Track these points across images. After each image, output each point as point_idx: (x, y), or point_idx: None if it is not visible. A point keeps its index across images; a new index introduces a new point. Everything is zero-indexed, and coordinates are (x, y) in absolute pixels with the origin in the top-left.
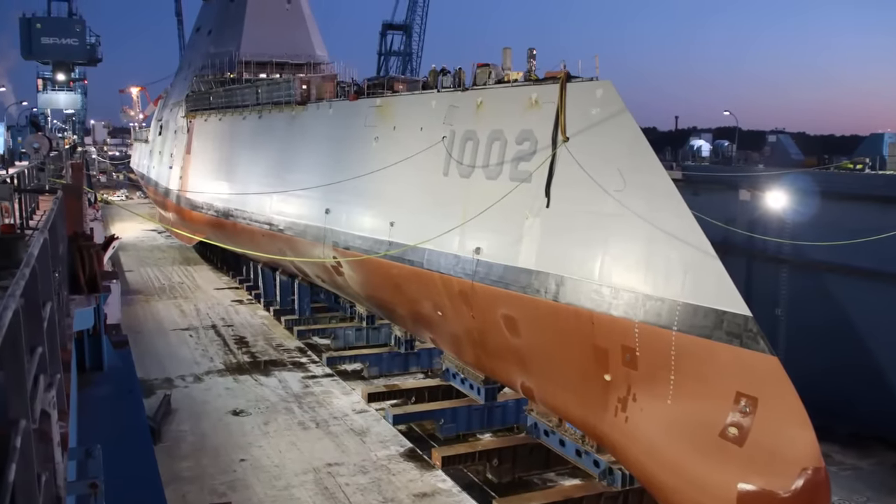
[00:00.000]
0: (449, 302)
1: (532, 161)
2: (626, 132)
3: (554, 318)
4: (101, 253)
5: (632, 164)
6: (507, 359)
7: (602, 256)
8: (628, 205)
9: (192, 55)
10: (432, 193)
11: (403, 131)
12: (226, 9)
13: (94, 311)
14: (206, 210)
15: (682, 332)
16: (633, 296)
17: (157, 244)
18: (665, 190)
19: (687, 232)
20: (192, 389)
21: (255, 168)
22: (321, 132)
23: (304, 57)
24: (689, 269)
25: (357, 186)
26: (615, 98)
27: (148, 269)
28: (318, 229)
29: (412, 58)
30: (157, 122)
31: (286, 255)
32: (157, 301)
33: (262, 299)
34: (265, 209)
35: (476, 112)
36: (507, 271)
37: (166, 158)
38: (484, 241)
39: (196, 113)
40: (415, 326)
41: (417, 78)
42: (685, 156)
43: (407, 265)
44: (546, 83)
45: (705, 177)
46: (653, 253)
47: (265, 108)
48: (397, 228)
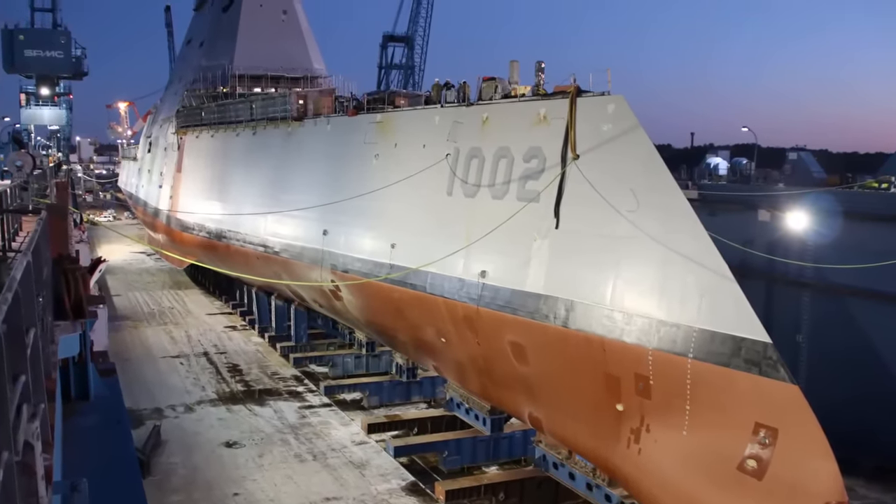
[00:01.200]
0: (453, 328)
1: (540, 180)
2: (640, 149)
3: (563, 345)
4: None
5: (645, 184)
6: (514, 388)
7: (614, 280)
8: (642, 226)
9: (182, 68)
10: (435, 214)
11: (405, 148)
12: (218, 20)
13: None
14: (198, 231)
15: (698, 360)
16: (646, 321)
17: (146, 267)
18: (680, 210)
19: (703, 254)
20: (182, 420)
21: (249, 187)
22: (318, 149)
23: (300, 70)
24: (705, 294)
25: (356, 206)
26: (628, 113)
27: (136, 294)
28: (315, 251)
29: (414, 71)
30: (146, 139)
31: (282, 278)
32: (147, 327)
33: (257, 325)
34: (260, 230)
35: (481, 128)
36: (514, 296)
37: (156, 177)
38: (490, 264)
39: (187, 129)
40: (417, 354)
41: (420, 92)
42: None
43: (409, 289)
44: (555, 98)
45: (722, 196)
46: (667, 276)
47: (260, 124)
48: (399, 251)
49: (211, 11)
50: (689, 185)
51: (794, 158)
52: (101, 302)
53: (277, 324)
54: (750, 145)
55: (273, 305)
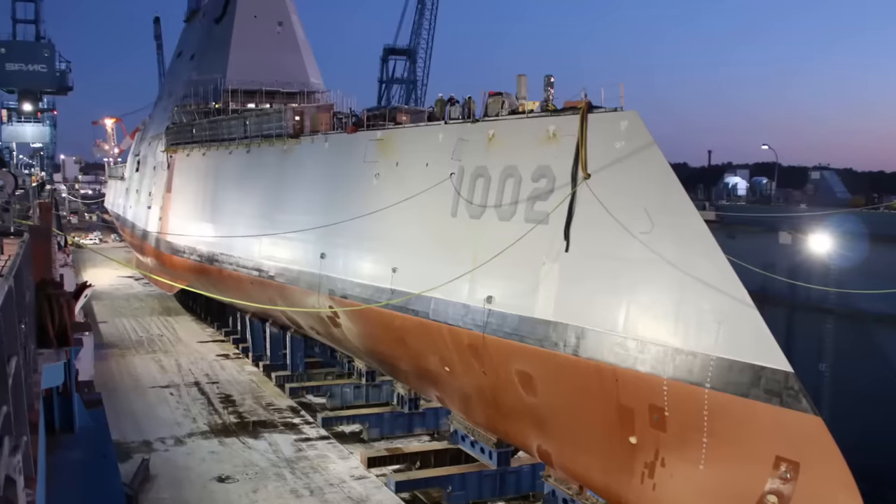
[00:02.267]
0: (457, 356)
1: (549, 200)
2: (654, 168)
3: (574, 375)
4: (72, 302)
5: (660, 204)
6: (521, 419)
7: (627, 306)
8: (656, 249)
9: (172, 83)
10: (439, 236)
11: (407, 167)
12: (210, 31)
13: (65, 367)
14: (189, 254)
15: (715, 390)
16: (661, 350)
17: (133, 292)
18: (697, 232)
19: (721, 279)
20: (172, 453)
21: (242, 208)
22: (316, 168)
23: (296, 85)
24: (723, 321)
25: (356, 228)
26: (642, 130)
27: (124, 320)
28: (312, 276)
29: (417, 86)
30: (133, 158)
31: (277, 304)
32: (134, 355)
33: (251, 353)
34: (254, 254)
35: (487, 146)
36: (521, 322)
37: (144, 197)
38: (496, 289)
39: (177, 147)
40: (420, 383)
41: (422, 108)
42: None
43: (411, 315)
44: (565, 114)
45: (741, 218)
46: (683, 302)
47: (254, 142)
48: (400, 275)
49: (202, 23)
50: (706, 205)
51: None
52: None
53: (272, 352)
54: (770, 164)
55: (268, 333)
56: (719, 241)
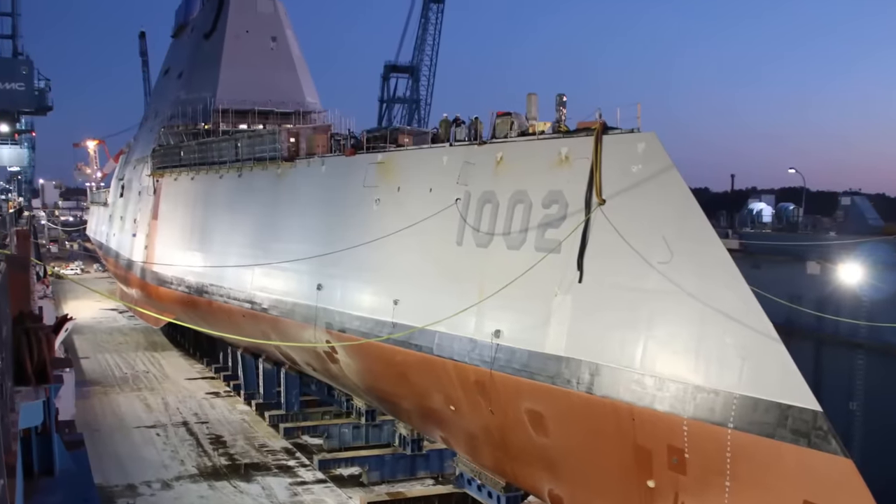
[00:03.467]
0: (463, 394)
1: (561, 228)
2: (674, 193)
3: (588, 414)
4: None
5: (680, 232)
6: (532, 462)
7: (644, 341)
8: (676, 279)
9: (159, 102)
10: (444, 266)
11: (409, 192)
12: (199, 47)
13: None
14: (177, 286)
15: (739, 431)
16: (681, 387)
17: (117, 326)
18: (719, 262)
19: (745, 312)
20: (159, 498)
21: (233, 236)
22: (312, 193)
23: (291, 104)
24: (747, 356)
25: (355, 258)
26: (660, 153)
27: (107, 356)
28: (308, 308)
29: (420, 105)
30: (117, 182)
31: (271, 338)
32: (119, 393)
33: (243, 391)
34: (246, 285)
35: (495, 170)
36: (532, 358)
37: (129, 224)
38: (505, 323)
39: (164, 171)
40: (423, 423)
41: (426, 129)
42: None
43: (414, 351)
44: (578, 135)
45: (767, 246)
46: (705, 336)
47: (246, 166)
48: (402, 307)
49: (191, 38)
50: (728, 233)
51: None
52: (68, 365)
53: (266, 390)
54: (797, 189)
55: (261, 369)
56: (743, 270)
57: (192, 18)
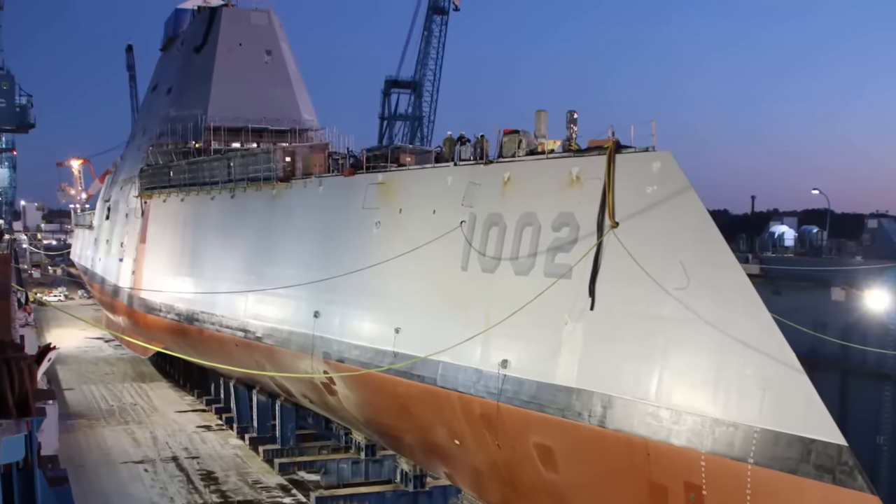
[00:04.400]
0: (468, 428)
1: (572, 252)
2: (691, 216)
3: (600, 448)
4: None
5: (697, 256)
6: (541, 499)
7: (660, 371)
8: (693, 307)
9: (147, 120)
10: (448, 292)
11: (412, 215)
12: (189, 61)
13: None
14: (166, 313)
15: (759, 466)
16: (698, 420)
17: (103, 355)
18: (739, 288)
19: (766, 341)
20: None
21: (226, 261)
22: (309, 216)
23: (287, 122)
24: (768, 388)
25: (354, 284)
26: (676, 173)
27: (92, 387)
28: (304, 337)
29: (422, 123)
30: (103, 204)
31: (265, 369)
32: (105, 427)
33: (236, 424)
34: (239, 312)
35: (502, 190)
36: (541, 390)
37: (115, 248)
38: (512, 353)
39: (152, 192)
40: (426, 458)
41: (429, 148)
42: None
43: (416, 382)
44: (590, 154)
45: (789, 272)
46: (723, 367)
47: (239, 186)
48: (404, 336)
49: (181, 52)
50: (749, 257)
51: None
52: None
53: (260, 423)
54: (821, 211)
55: (255, 401)
56: (764, 297)
57: (181, 31)
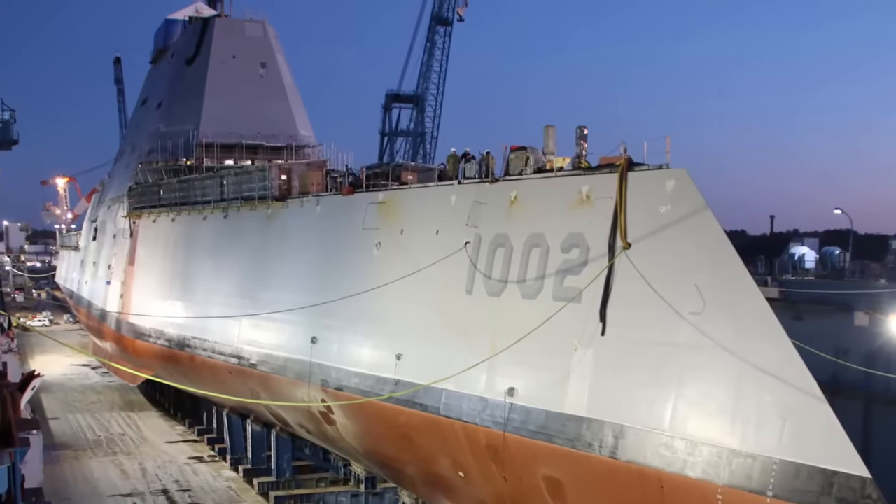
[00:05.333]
0: (473, 459)
1: (582, 275)
2: (707, 236)
3: (611, 481)
4: (18, 395)
5: (714, 279)
6: None
7: (674, 400)
8: (709, 332)
9: (136, 136)
10: (452, 317)
11: (414, 235)
12: (180, 75)
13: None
14: (156, 339)
15: (779, 499)
16: (714, 451)
17: (90, 383)
18: (757, 312)
19: (786, 368)
20: None
21: (219, 284)
22: (306, 237)
23: (283, 138)
24: (788, 417)
25: (353, 308)
26: (692, 191)
27: (79, 416)
28: (301, 364)
29: (425, 139)
30: (90, 224)
31: (260, 397)
32: (91, 458)
33: (229, 456)
34: (232, 338)
35: (509, 210)
36: (549, 419)
37: (102, 271)
38: (519, 380)
39: (142, 211)
40: (429, 491)
41: (432, 165)
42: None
43: (418, 411)
44: (601, 172)
45: (810, 295)
46: (741, 395)
47: (232, 205)
48: (406, 363)
49: (171, 65)
50: (767, 280)
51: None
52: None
53: (254, 454)
54: (844, 231)
55: (249, 431)
56: (783, 322)
57: (172, 43)
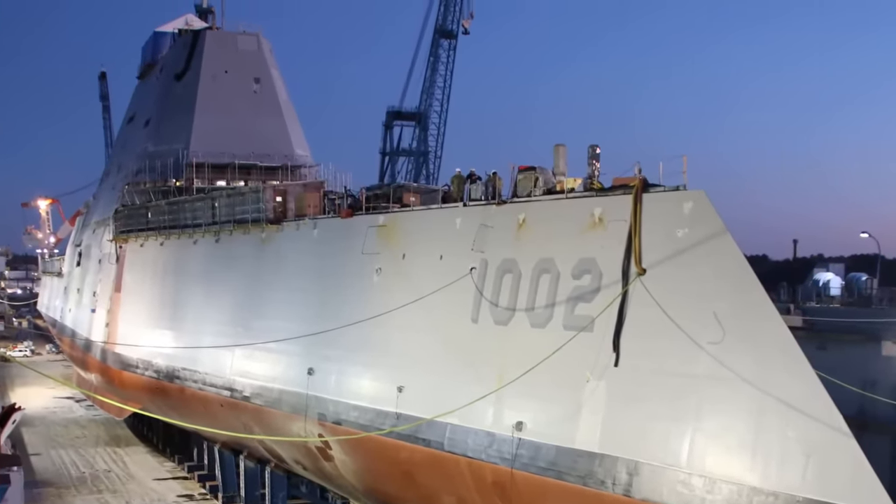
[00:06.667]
0: (479, 497)
1: (594, 302)
2: (726, 261)
3: None
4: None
5: (733, 307)
6: None
7: (692, 434)
8: (728, 363)
9: (122, 155)
10: (456, 347)
11: (416, 261)
12: (169, 91)
13: None
14: (143, 370)
15: None
16: (734, 489)
17: (74, 417)
18: (779, 342)
19: (810, 401)
20: None
21: (210, 312)
22: (302, 262)
23: (278, 157)
24: (812, 453)
25: (352, 337)
26: (710, 214)
27: (62, 452)
28: (297, 396)
29: (428, 158)
30: (74, 248)
31: (254, 432)
32: (75, 496)
33: (221, 494)
34: (225, 369)
35: (517, 234)
36: (560, 455)
37: (87, 298)
38: (528, 413)
39: (129, 235)
40: None
41: (435, 186)
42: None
43: (421, 446)
44: (614, 194)
45: (835, 324)
46: (763, 430)
47: (224, 229)
48: (408, 395)
49: (160, 79)
50: (790, 308)
51: None
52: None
53: (248, 492)
54: (871, 256)
55: (242, 467)
56: (807, 352)
57: (161, 57)
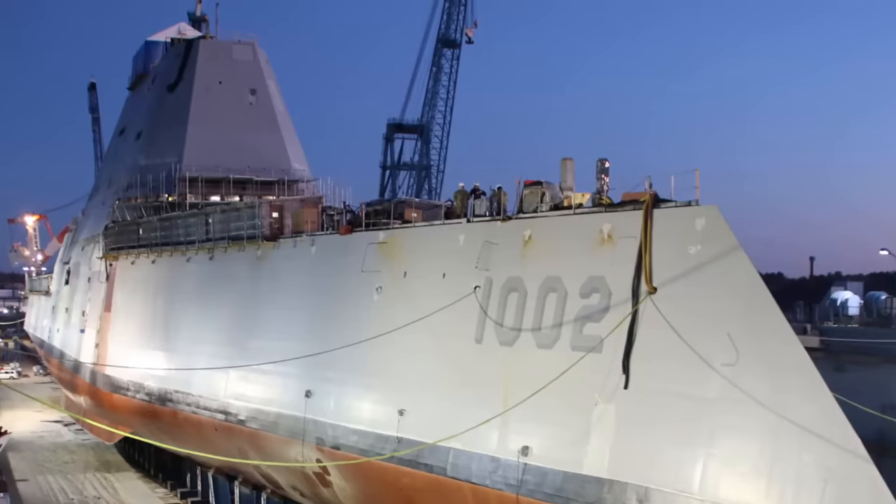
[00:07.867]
0: None
1: (603, 322)
2: (740, 280)
3: None
4: None
5: (748, 327)
6: None
7: (704, 459)
8: (743, 385)
9: (113, 169)
10: (460, 368)
11: (418, 279)
12: (162, 102)
13: None
14: (134, 393)
15: None
16: None
17: (62, 441)
18: (795, 363)
19: (827, 425)
20: None
21: (204, 332)
22: (299, 280)
23: (274, 172)
24: (830, 478)
25: (351, 359)
26: (724, 230)
27: (49, 478)
28: (294, 420)
29: (430, 172)
30: (62, 266)
31: (249, 457)
32: None
33: None
34: (219, 391)
35: (523, 251)
36: (567, 481)
37: (76, 318)
38: (534, 438)
39: (119, 252)
40: None
41: (438, 202)
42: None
43: (423, 472)
44: (624, 209)
45: (853, 344)
46: (778, 455)
47: (219, 246)
48: (409, 419)
49: (152, 91)
50: (807, 328)
51: None
52: (2, 490)
53: None
54: (891, 274)
55: (237, 494)
56: (825, 374)
57: (153, 67)
